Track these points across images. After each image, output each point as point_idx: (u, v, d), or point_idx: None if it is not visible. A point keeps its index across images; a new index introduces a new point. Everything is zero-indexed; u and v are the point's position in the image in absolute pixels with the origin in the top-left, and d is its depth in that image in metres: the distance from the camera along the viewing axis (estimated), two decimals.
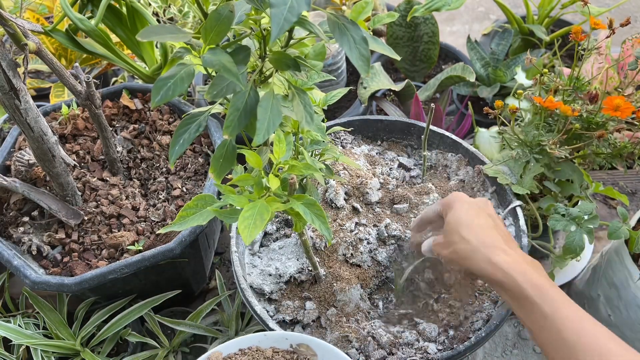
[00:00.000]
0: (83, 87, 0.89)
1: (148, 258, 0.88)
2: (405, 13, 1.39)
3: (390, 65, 1.58)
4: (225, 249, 1.30)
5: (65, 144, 1.11)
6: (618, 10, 1.55)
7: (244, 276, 0.84)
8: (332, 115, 1.37)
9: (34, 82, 1.38)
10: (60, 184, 0.95)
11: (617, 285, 0.94)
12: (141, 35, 0.44)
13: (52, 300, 1.03)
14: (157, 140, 1.13)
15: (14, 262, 0.89)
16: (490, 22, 2.08)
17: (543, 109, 0.86)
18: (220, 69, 0.44)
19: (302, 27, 0.46)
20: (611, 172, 1.38)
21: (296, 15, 0.38)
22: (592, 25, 0.84)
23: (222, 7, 0.44)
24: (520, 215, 0.89)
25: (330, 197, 0.94)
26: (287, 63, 0.49)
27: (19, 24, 0.73)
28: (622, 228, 0.87)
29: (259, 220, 0.51)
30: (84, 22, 1.07)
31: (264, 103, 0.48)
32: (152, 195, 1.06)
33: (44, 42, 1.27)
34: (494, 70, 1.37)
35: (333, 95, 0.65)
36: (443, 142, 1.06)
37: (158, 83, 0.44)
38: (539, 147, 0.90)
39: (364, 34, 0.45)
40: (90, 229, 0.99)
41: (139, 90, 1.20)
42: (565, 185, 0.93)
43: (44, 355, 0.92)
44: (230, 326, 1.02)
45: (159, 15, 1.39)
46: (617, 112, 0.80)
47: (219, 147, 0.54)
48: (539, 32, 1.39)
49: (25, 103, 0.79)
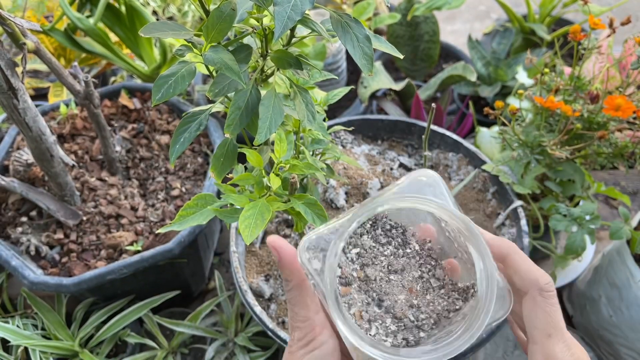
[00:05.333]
0: (82, 86, 0.88)
1: (147, 258, 0.88)
2: (406, 12, 1.38)
3: (390, 65, 1.58)
4: (224, 249, 1.29)
5: (63, 144, 1.10)
6: (619, 9, 1.55)
7: (244, 277, 0.83)
8: (332, 115, 1.36)
9: (32, 82, 1.38)
10: (59, 183, 0.95)
11: (619, 286, 0.93)
12: (143, 31, 0.43)
13: (50, 300, 1.02)
14: (156, 140, 1.13)
15: (12, 262, 0.88)
16: (492, 21, 2.08)
17: (544, 109, 0.85)
18: (222, 67, 0.44)
19: (305, 26, 0.45)
20: (613, 172, 1.38)
21: (300, 14, 0.38)
22: (592, 25, 0.84)
23: (224, 5, 0.44)
24: (521, 215, 0.89)
25: (330, 197, 0.93)
26: (289, 61, 0.49)
27: (17, 23, 0.72)
28: (624, 228, 0.87)
29: (259, 219, 0.51)
30: (82, 21, 1.07)
31: (265, 101, 0.48)
32: (151, 195, 1.06)
33: (42, 42, 1.27)
34: (495, 70, 1.37)
35: (334, 94, 0.65)
36: (444, 142, 1.05)
37: (159, 81, 0.44)
38: (540, 148, 0.89)
39: (367, 33, 0.44)
40: (89, 229, 0.98)
41: (138, 89, 1.20)
42: (567, 185, 0.93)
43: (43, 356, 0.92)
44: (229, 327, 1.01)
45: (158, 15, 1.38)
46: (619, 112, 0.79)
47: (220, 146, 0.53)
48: (540, 31, 1.39)
49: (24, 102, 0.79)
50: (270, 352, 0.99)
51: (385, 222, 0.38)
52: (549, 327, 0.35)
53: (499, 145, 1.05)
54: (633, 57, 0.90)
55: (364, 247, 0.37)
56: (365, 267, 0.36)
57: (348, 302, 0.35)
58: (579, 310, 1.09)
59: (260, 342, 1.00)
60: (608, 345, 1.02)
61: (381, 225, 0.38)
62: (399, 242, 0.37)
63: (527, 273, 0.36)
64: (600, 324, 1.01)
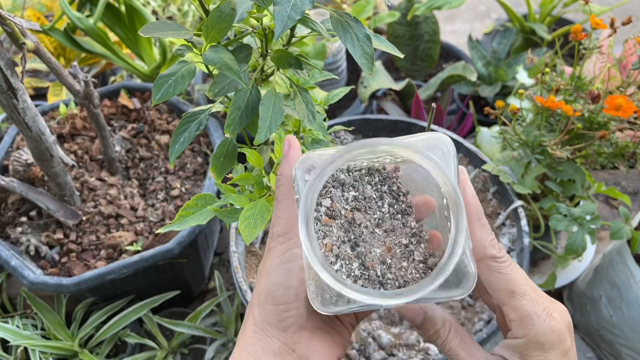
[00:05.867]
0: (81, 86, 0.88)
1: (147, 258, 0.87)
2: (406, 12, 1.38)
3: (390, 64, 1.58)
4: (224, 249, 1.29)
5: (63, 144, 1.10)
6: (620, 9, 1.54)
7: (244, 277, 0.83)
8: (332, 115, 1.36)
9: (32, 81, 1.37)
10: (59, 183, 0.94)
11: (619, 286, 0.93)
12: (143, 31, 0.43)
13: (50, 300, 1.02)
14: (155, 140, 1.13)
15: (12, 262, 0.88)
16: (492, 20, 2.08)
17: (544, 109, 0.85)
18: (222, 67, 0.43)
19: (305, 25, 0.45)
20: (613, 172, 1.38)
21: (300, 13, 0.38)
22: (593, 25, 0.84)
23: (224, 5, 0.44)
24: (522, 215, 0.89)
25: None
26: (289, 61, 0.49)
27: (17, 23, 0.72)
28: (624, 228, 0.87)
29: (259, 220, 0.51)
30: (82, 20, 1.07)
31: (265, 101, 0.47)
32: (151, 195, 1.06)
33: (42, 41, 1.26)
34: (495, 69, 1.36)
35: (335, 94, 0.64)
36: None
37: (159, 80, 0.44)
38: (541, 148, 0.89)
39: (368, 32, 0.44)
40: (89, 229, 0.98)
41: (138, 89, 1.19)
42: (567, 185, 0.93)
43: (42, 356, 0.91)
44: (229, 327, 1.01)
45: (157, 14, 1.38)
46: (619, 112, 0.79)
47: (220, 145, 0.53)
48: (540, 30, 1.39)
49: (23, 102, 0.79)
50: None
51: (394, 184, 0.38)
52: (509, 285, 0.37)
53: (499, 145, 1.05)
54: (634, 57, 0.89)
55: (364, 193, 0.37)
56: (356, 210, 0.37)
57: (325, 231, 0.36)
58: (579, 310, 1.09)
59: None
60: (608, 345, 1.02)
61: (389, 184, 0.38)
62: (400, 207, 0.37)
63: (477, 243, 0.37)
64: (600, 324, 1.01)
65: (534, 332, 0.36)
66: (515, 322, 0.37)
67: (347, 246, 0.35)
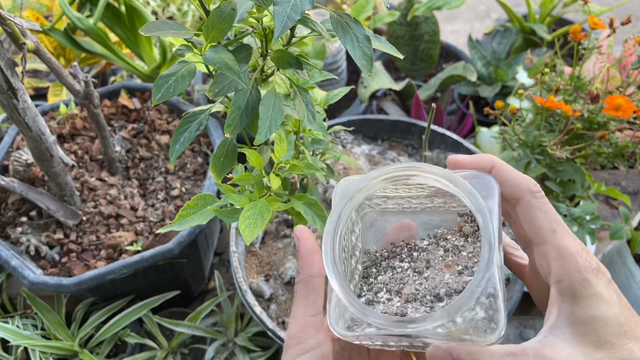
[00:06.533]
0: (81, 86, 0.88)
1: (147, 258, 0.87)
2: (406, 12, 1.38)
3: (390, 65, 1.58)
4: (224, 249, 1.29)
5: (63, 144, 1.10)
6: (620, 9, 1.55)
7: (244, 277, 0.83)
8: (332, 115, 1.36)
9: (32, 82, 1.38)
10: (59, 183, 0.95)
11: (619, 286, 0.93)
12: (143, 31, 0.43)
13: (50, 300, 1.02)
14: (155, 140, 1.13)
15: (12, 262, 0.88)
16: (492, 21, 2.08)
17: (544, 109, 0.85)
18: (222, 67, 0.44)
19: (305, 25, 0.45)
20: (613, 172, 1.38)
21: (299, 13, 0.38)
22: (592, 25, 0.84)
23: (224, 5, 0.44)
24: None
25: (330, 197, 0.93)
26: (289, 61, 0.49)
27: (17, 23, 0.72)
28: (624, 228, 0.87)
29: (259, 220, 0.51)
30: (82, 20, 1.07)
31: (265, 101, 0.47)
32: (151, 195, 1.06)
33: (42, 41, 1.27)
34: (495, 70, 1.37)
35: (335, 94, 0.64)
36: (444, 142, 1.05)
37: (159, 80, 0.44)
38: (540, 148, 0.89)
39: (367, 33, 0.44)
40: (89, 229, 0.98)
41: (138, 89, 1.20)
42: (567, 185, 0.93)
43: (42, 356, 0.92)
44: (229, 327, 1.01)
45: (157, 14, 1.38)
46: (619, 112, 0.79)
47: (220, 145, 0.53)
48: (540, 31, 1.39)
49: (24, 102, 0.79)
50: (270, 352, 0.98)
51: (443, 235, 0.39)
52: (552, 223, 0.35)
53: (499, 145, 1.05)
54: (633, 57, 0.90)
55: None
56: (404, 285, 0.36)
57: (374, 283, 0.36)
58: None
59: (260, 342, 1.00)
60: None
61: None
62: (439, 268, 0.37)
63: (514, 180, 0.37)
64: None
65: (578, 269, 0.34)
66: (556, 261, 0.35)
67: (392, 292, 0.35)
